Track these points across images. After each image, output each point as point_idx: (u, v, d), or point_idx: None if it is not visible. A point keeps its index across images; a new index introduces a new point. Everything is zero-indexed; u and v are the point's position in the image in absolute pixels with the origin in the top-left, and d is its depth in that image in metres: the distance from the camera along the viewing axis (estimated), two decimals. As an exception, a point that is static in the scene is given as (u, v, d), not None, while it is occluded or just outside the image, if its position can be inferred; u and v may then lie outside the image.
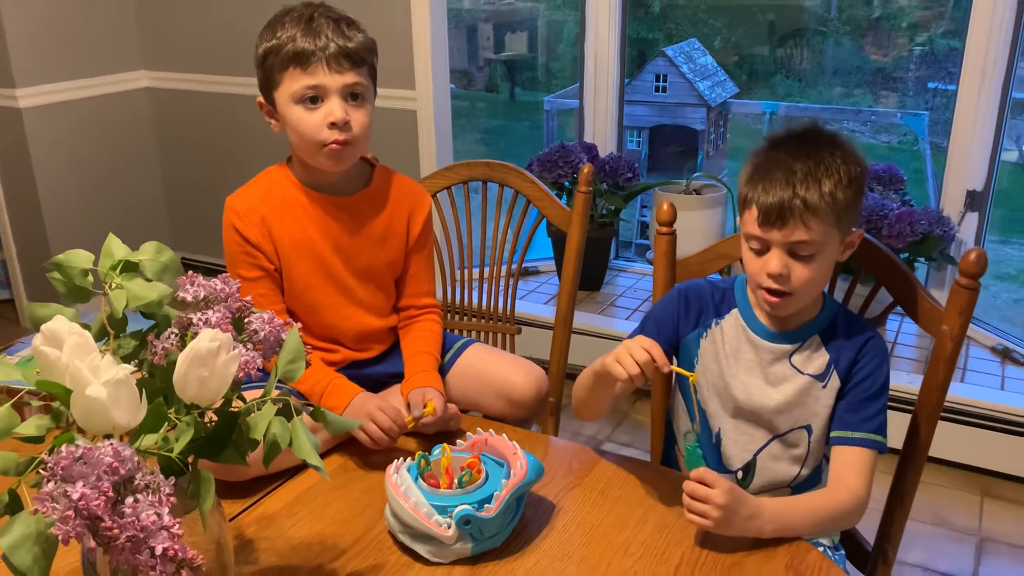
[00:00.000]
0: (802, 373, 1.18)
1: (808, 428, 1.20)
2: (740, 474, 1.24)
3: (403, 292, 1.47)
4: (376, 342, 1.46)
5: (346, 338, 1.42)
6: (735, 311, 1.23)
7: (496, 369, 1.44)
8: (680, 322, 1.25)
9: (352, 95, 1.29)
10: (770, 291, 1.13)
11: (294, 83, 1.27)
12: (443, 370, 1.45)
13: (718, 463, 1.25)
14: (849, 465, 1.14)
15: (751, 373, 1.20)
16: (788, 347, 1.19)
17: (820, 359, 1.18)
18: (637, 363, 1.06)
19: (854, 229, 1.15)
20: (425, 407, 1.28)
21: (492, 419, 1.45)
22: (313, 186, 1.36)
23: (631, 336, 1.27)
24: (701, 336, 1.24)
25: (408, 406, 1.32)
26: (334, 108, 1.27)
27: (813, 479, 1.24)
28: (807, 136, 1.14)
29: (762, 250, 1.12)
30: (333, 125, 1.27)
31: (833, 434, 1.17)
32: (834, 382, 1.18)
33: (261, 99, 1.35)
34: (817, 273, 1.12)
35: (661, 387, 1.45)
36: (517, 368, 1.43)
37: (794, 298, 1.13)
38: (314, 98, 1.28)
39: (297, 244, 1.35)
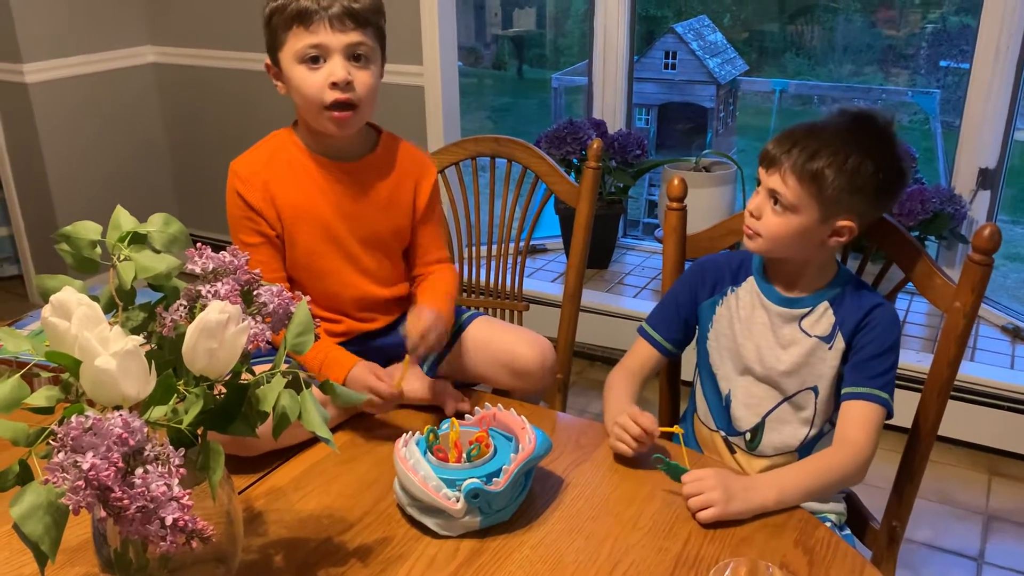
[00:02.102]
0: (809, 335, 1.22)
1: (815, 389, 1.23)
2: (748, 435, 1.26)
3: (415, 263, 1.47)
4: (381, 312, 1.44)
5: (349, 307, 1.41)
6: (751, 279, 1.28)
7: (501, 340, 1.43)
8: (698, 291, 1.32)
9: (355, 56, 1.28)
10: (746, 225, 1.21)
11: (297, 42, 1.26)
12: (448, 344, 1.44)
13: (728, 425, 1.28)
14: (853, 419, 1.17)
15: (763, 336, 1.25)
16: (799, 311, 1.23)
17: (827, 321, 1.22)
18: (635, 438, 1.15)
19: (848, 221, 1.16)
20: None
21: (499, 394, 1.45)
22: (318, 150, 1.35)
23: (650, 317, 1.35)
24: (717, 303, 1.30)
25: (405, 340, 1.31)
26: (336, 68, 1.26)
27: (818, 440, 1.26)
28: (861, 118, 1.19)
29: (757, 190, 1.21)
30: (335, 85, 1.26)
31: (842, 392, 1.20)
32: (839, 344, 1.21)
33: (268, 61, 1.34)
34: (782, 229, 1.17)
35: (667, 366, 1.45)
36: (522, 339, 1.42)
37: (761, 239, 1.20)
38: (315, 58, 1.27)
39: (300, 209, 1.34)
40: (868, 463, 1.15)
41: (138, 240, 0.86)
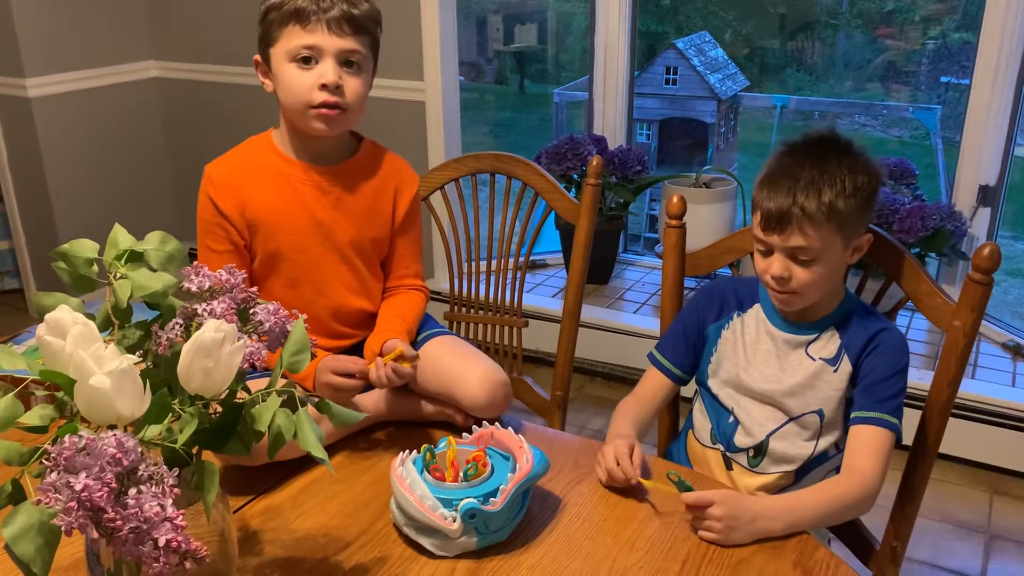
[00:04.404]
0: (815, 360, 1.22)
1: (820, 412, 1.22)
2: (751, 452, 1.26)
3: (389, 275, 1.45)
4: (358, 323, 1.42)
5: (327, 318, 1.39)
6: (757, 305, 1.28)
7: (452, 370, 1.32)
8: (705, 314, 1.32)
9: (348, 62, 1.28)
10: (775, 289, 1.18)
11: (291, 40, 1.26)
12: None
13: (729, 442, 1.28)
14: (862, 445, 1.16)
15: (767, 362, 1.25)
16: (805, 338, 1.23)
17: (833, 344, 1.22)
18: (609, 471, 1.14)
19: (864, 234, 1.19)
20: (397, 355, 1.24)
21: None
22: (297, 154, 1.35)
23: (659, 343, 1.35)
24: (723, 327, 1.30)
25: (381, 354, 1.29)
26: (327, 70, 1.26)
27: (822, 459, 1.25)
28: (820, 143, 1.18)
29: (766, 252, 1.18)
30: (324, 87, 1.26)
31: (851, 416, 1.20)
32: (845, 366, 1.20)
33: (258, 57, 1.33)
34: (818, 276, 1.16)
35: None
36: (471, 373, 1.30)
37: (799, 296, 1.18)
38: (308, 58, 1.27)
39: (277, 214, 1.33)
40: (877, 492, 1.14)
41: (135, 258, 0.86)
